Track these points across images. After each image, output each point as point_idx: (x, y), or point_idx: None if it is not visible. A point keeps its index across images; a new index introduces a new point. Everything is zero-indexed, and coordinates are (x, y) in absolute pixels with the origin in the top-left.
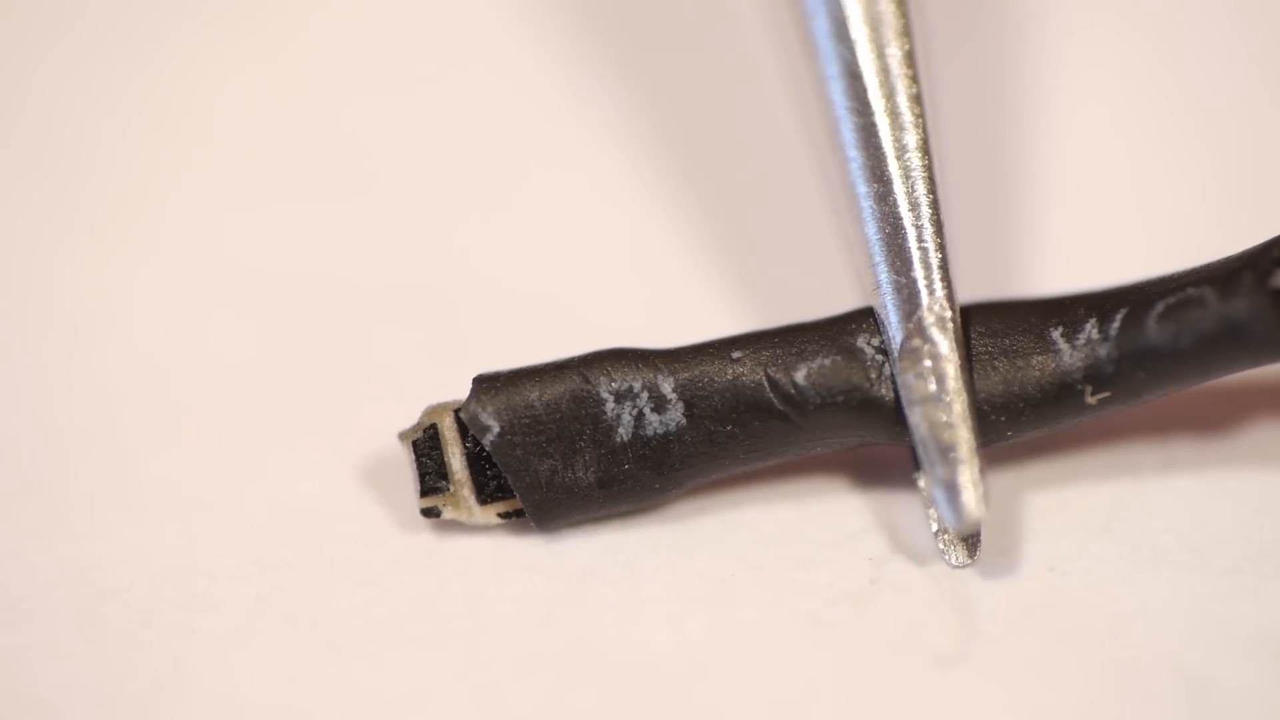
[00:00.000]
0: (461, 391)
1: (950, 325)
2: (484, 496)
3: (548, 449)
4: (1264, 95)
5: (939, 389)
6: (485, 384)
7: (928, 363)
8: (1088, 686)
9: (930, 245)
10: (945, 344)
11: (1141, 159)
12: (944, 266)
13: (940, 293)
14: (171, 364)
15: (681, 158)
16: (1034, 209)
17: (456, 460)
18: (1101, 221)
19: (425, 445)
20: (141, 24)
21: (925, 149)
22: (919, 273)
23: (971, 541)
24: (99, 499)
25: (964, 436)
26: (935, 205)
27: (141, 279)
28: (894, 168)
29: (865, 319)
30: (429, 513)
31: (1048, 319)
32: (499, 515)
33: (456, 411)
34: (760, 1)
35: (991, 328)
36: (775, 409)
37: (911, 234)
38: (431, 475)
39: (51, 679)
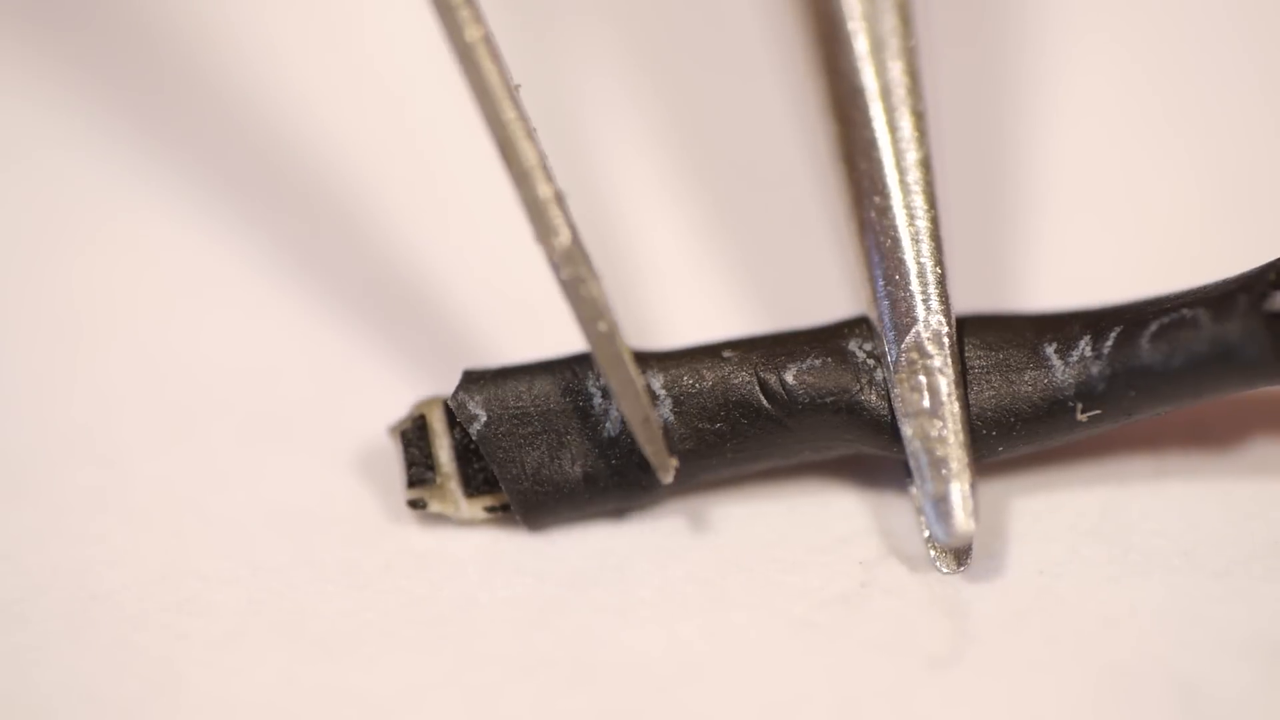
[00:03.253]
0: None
1: (946, 340)
2: (470, 490)
3: (535, 441)
4: (1264, 105)
5: (933, 403)
6: (474, 375)
7: (922, 377)
8: (1079, 689)
9: (928, 261)
10: (940, 358)
11: (1142, 171)
12: (941, 282)
13: (937, 308)
14: (164, 367)
15: (682, 166)
16: (1034, 220)
17: (444, 452)
18: (1100, 233)
19: (413, 436)
20: (143, 26)
21: (926, 165)
22: (915, 287)
23: (962, 550)
24: (91, 502)
25: (956, 452)
26: (935, 220)
27: (135, 283)
28: (894, 182)
29: (859, 325)
30: (415, 504)
31: (1043, 334)
32: (485, 509)
33: (446, 403)
34: (765, 13)
35: (986, 340)
36: (763, 409)
37: (910, 249)
38: (418, 466)
39: (44, 681)
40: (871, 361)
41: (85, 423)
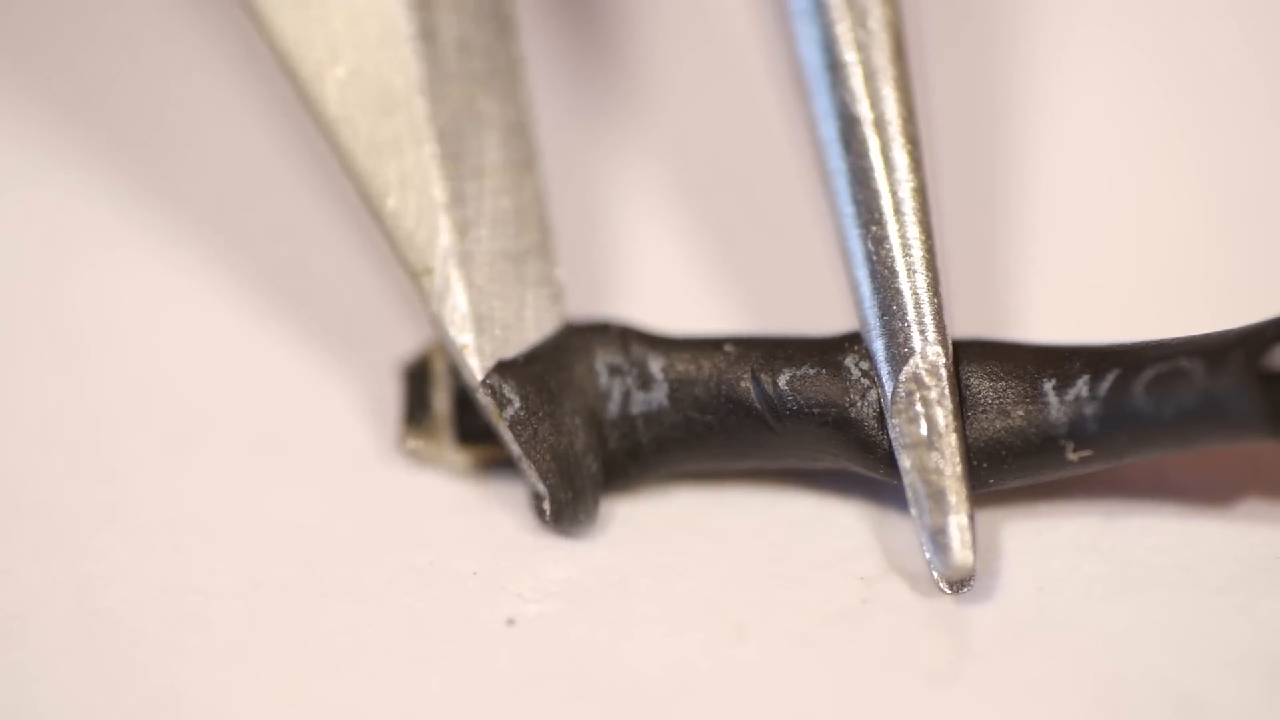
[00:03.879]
0: None
1: (943, 371)
2: (463, 439)
3: (559, 425)
4: (1273, 121)
5: (930, 435)
6: (506, 363)
7: (920, 408)
8: (1079, 705)
9: (925, 291)
10: (937, 390)
11: (1144, 191)
12: (939, 312)
13: (934, 338)
14: (166, 385)
15: (688, 180)
16: (1033, 239)
17: (441, 398)
18: (1102, 252)
19: (417, 377)
20: (142, 60)
21: (922, 193)
22: (912, 317)
23: (963, 579)
24: (92, 518)
25: (954, 484)
26: (931, 250)
27: (137, 304)
28: (889, 212)
29: (859, 342)
30: (407, 449)
31: (1043, 368)
32: (473, 461)
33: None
34: (763, 41)
35: (986, 370)
36: (753, 408)
37: (905, 279)
38: (416, 407)
39: (44, 698)
40: (866, 381)
41: (87, 439)
